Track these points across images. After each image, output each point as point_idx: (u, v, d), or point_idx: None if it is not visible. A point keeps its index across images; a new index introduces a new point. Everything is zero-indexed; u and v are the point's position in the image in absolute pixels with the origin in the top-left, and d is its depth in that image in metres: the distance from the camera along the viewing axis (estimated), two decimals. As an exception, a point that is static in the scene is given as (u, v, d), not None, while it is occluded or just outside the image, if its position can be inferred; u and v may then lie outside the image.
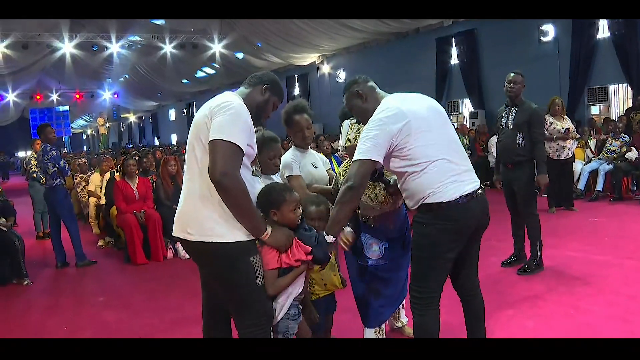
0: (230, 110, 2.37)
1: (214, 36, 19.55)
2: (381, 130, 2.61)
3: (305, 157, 3.50)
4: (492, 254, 5.54)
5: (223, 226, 2.37)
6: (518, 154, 5.02)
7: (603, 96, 12.12)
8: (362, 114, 2.87)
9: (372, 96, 2.87)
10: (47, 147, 6.44)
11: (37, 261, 6.97)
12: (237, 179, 2.32)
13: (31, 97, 29.11)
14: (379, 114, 2.69)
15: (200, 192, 2.41)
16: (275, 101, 2.70)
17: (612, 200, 8.28)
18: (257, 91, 2.64)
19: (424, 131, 2.64)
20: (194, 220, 2.43)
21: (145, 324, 4.53)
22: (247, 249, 2.43)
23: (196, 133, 2.46)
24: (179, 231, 2.52)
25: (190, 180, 2.50)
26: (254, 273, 2.44)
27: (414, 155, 2.63)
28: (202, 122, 2.43)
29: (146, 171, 7.68)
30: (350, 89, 2.92)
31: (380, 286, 3.45)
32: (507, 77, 5.09)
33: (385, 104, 2.74)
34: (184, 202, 2.53)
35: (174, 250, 6.81)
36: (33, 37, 18.21)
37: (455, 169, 2.68)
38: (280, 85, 2.74)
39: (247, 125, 2.41)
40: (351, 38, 17.12)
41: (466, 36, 14.45)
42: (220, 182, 2.29)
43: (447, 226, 2.65)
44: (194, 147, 2.47)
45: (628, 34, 10.89)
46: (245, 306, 2.46)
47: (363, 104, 2.87)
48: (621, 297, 4.21)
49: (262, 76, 2.69)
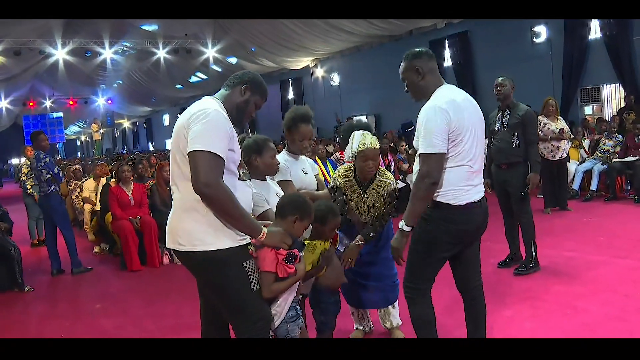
0: (205, 118, 2.34)
1: (208, 41, 19.54)
2: (443, 120, 2.63)
3: (296, 163, 3.51)
4: (488, 255, 5.54)
5: (212, 234, 2.37)
6: (513, 155, 5.06)
7: (596, 96, 12.19)
8: (414, 90, 2.89)
9: (429, 77, 2.85)
10: (41, 154, 6.42)
11: (32, 269, 6.93)
12: (221, 187, 2.32)
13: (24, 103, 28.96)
14: (441, 102, 2.68)
15: (187, 202, 2.41)
16: (256, 100, 2.64)
17: (607, 200, 8.31)
18: (236, 92, 2.59)
19: (468, 133, 2.70)
20: (183, 230, 2.42)
21: (142, 330, 4.51)
22: (239, 255, 2.43)
23: (176, 142, 2.44)
24: (171, 242, 2.50)
25: (176, 191, 2.49)
26: (248, 278, 2.44)
27: (451, 152, 2.68)
28: (180, 132, 2.42)
29: (141, 177, 7.67)
30: (411, 61, 2.86)
31: (356, 275, 3.55)
32: (495, 82, 5.21)
33: (445, 94, 2.76)
34: (173, 213, 2.51)
35: (169, 256, 6.79)
36: (25, 44, 18.12)
37: (473, 178, 2.76)
38: (261, 84, 2.66)
39: (224, 132, 2.37)
40: (344, 41, 17.15)
41: (459, 38, 14.51)
42: (204, 193, 2.30)
43: (450, 228, 2.73)
44: (175, 157, 2.46)
45: (620, 34, 10.96)
46: (240, 312, 2.45)
47: (419, 81, 2.85)
48: (617, 296, 4.23)
49: (242, 75, 2.63)
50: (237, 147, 2.50)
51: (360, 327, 3.82)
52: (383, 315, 3.74)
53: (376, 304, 3.67)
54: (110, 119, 36.30)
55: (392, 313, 3.72)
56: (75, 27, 18.90)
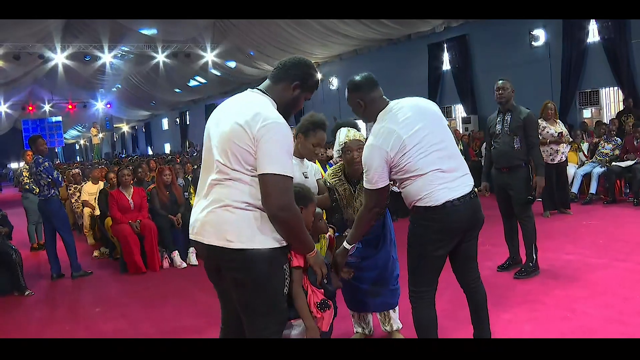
0: (276, 134, 2.28)
1: (207, 45, 19.59)
2: (381, 157, 2.82)
3: (299, 166, 3.52)
4: (487, 259, 5.55)
5: (259, 233, 2.33)
6: (515, 158, 5.06)
7: (594, 100, 12.22)
8: (362, 118, 3.12)
9: (370, 107, 3.01)
10: (40, 159, 6.42)
11: (32, 273, 6.93)
12: (295, 211, 2.32)
13: (23, 108, 29.03)
14: (377, 139, 2.84)
15: (238, 201, 2.34)
16: (306, 96, 2.56)
17: (606, 203, 8.32)
18: (285, 88, 2.49)
19: (418, 145, 2.81)
20: (233, 227, 2.34)
21: (142, 334, 4.51)
22: (281, 257, 2.42)
23: (231, 135, 2.33)
24: (215, 239, 2.36)
25: (224, 187, 2.36)
26: (284, 281, 2.44)
27: (408, 169, 2.83)
28: (238, 130, 2.31)
29: (141, 181, 7.67)
30: (352, 93, 3.06)
31: (356, 279, 3.52)
32: (496, 85, 5.18)
33: (380, 125, 2.90)
34: (214, 208, 2.38)
35: (169, 260, 6.80)
36: (24, 48, 18.16)
37: (447, 177, 2.84)
38: (312, 77, 2.55)
39: (291, 146, 2.37)
40: (343, 45, 17.19)
41: (458, 41, 14.54)
42: (278, 217, 2.29)
43: (435, 227, 2.85)
44: (227, 151, 2.34)
45: (618, 37, 11.00)
46: (267, 312, 2.42)
47: (363, 111, 3.04)
48: (617, 299, 4.23)
49: (292, 68, 2.50)
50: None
51: (361, 329, 3.82)
52: (383, 319, 3.74)
53: (376, 308, 3.67)
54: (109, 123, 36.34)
55: (392, 317, 3.72)
56: (74, 32, 18.95)
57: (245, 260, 2.34)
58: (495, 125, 5.23)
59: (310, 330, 2.57)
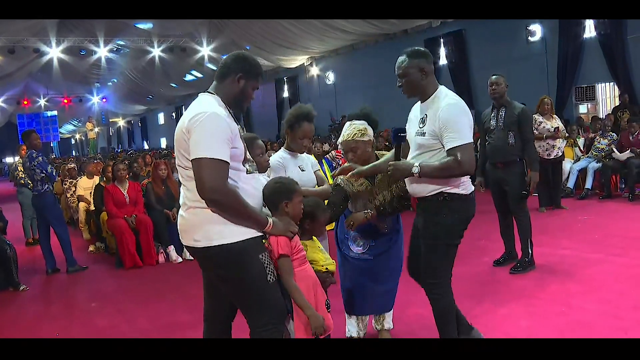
0: (204, 123, 2.33)
1: (203, 39, 19.51)
2: (467, 116, 2.86)
3: (294, 160, 3.48)
4: (483, 254, 5.56)
5: (226, 228, 2.38)
6: (510, 154, 5.06)
7: (590, 95, 12.25)
8: (413, 87, 2.96)
9: (431, 78, 2.97)
10: (33, 154, 6.38)
11: (27, 268, 6.89)
12: (227, 190, 2.34)
13: (18, 102, 28.88)
14: (459, 103, 2.87)
15: (197, 201, 2.39)
16: (253, 84, 2.58)
17: (601, 198, 8.33)
18: (231, 83, 2.54)
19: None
20: (197, 227, 2.43)
21: (138, 329, 4.50)
22: (255, 247, 2.44)
23: (178, 145, 2.46)
24: (186, 240, 2.52)
25: (186, 191, 2.49)
26: (265, 270, 2.44)
27: None
28: (180, 137, 2.43)
29: (136, 175, 7.65)
30: (417, 59, 2.92)
31: (364, 279, 3.47)
32: (490, 80, 5.18)
33: (453, 95, 2.93)
34: (185, 211, 2.51)
35: (165, 255, 6.78)
36: (19, 42, 18.05)
37: None
38: (254, 66, 2.58)
39: (224, 133, 2.36)
40: (339, 40, 17.15)
41: (454, 37, 14.54)
42: (211, 199, 2.33)
43: (462, 217, 2.93)
44: (180, 159, 2.48)
45: (614, 33, 11.02)
46: (258, 304, 2.45)
47: (421, 80, 2.93)
48: (612, 294, 4.24)
49: (232, 64, 2.55)
50: (239, 143, 2.48)
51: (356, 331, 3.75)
52: (377, 318, 3.72)
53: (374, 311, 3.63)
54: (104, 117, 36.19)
55: (386, 318, 3.71)
56: (69, 26, 18.86)
57: (218, 257, 2.41)
58: (490, 120, 5.23)
59: (313, 318, 2.53)
